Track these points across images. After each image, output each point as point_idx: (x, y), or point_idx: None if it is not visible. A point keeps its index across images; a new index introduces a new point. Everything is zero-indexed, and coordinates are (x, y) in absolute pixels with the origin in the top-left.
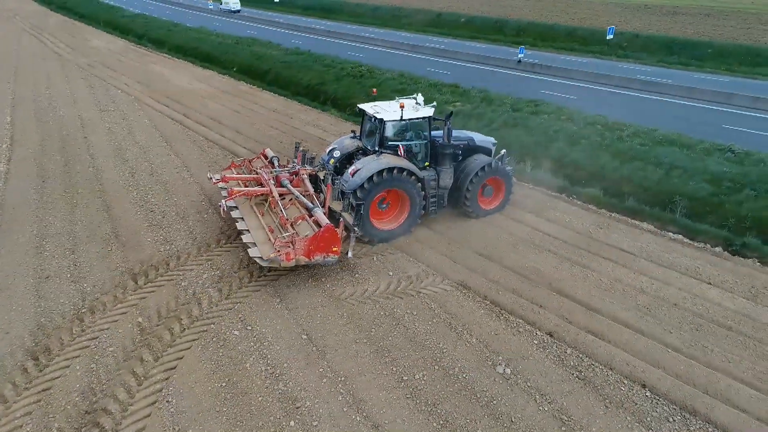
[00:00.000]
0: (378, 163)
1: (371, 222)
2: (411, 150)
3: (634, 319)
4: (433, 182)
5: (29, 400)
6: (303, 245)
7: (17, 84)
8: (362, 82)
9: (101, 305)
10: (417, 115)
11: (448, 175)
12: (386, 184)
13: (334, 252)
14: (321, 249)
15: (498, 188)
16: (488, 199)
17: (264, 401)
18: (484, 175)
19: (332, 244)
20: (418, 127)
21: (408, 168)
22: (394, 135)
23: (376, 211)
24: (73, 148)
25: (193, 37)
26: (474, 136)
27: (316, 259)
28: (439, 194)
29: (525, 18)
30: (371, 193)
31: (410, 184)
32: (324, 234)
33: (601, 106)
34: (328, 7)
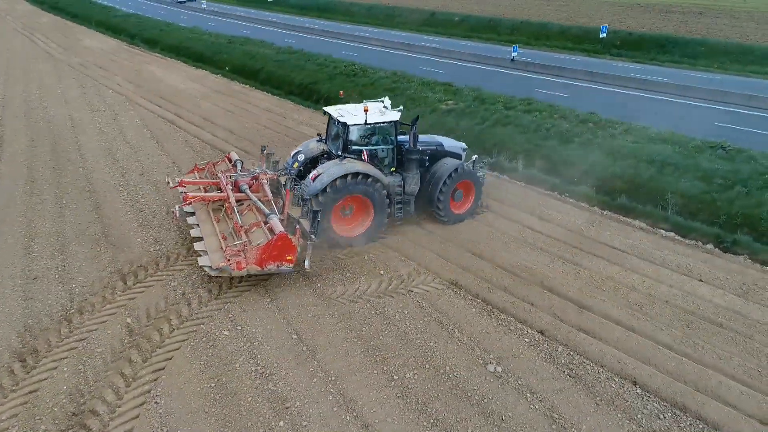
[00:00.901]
0: (340, 168)
1: (333, 228)
2: (377, 155)
3: (625, 316)
4: (398, 188)
5: (16, 402)
6: (255, 254)
7: (7, 84)
8: (355, 81)
9: (90, 306)
10: (382, 120)
11: (414, 181)
12: (348, 190)
13: (289, 261)
14: (274, 258)
15: (468, 192)
16: (459, 204)
17: (253, 401)
18: (455, 180)
19: (286, 252)
20: (384, 131)
21: (371, 173)
22: (359, 139)
23: (339, 217)
24: (63, 148)
25: (186, 37)
26: (443, 141)
27: (269, 268)
28: (405, 200)
29: (518, 17)
30: (332, 199)
31: (374, 190)
32: (277, 242)
33: (594, 105)
34: (323, 7)
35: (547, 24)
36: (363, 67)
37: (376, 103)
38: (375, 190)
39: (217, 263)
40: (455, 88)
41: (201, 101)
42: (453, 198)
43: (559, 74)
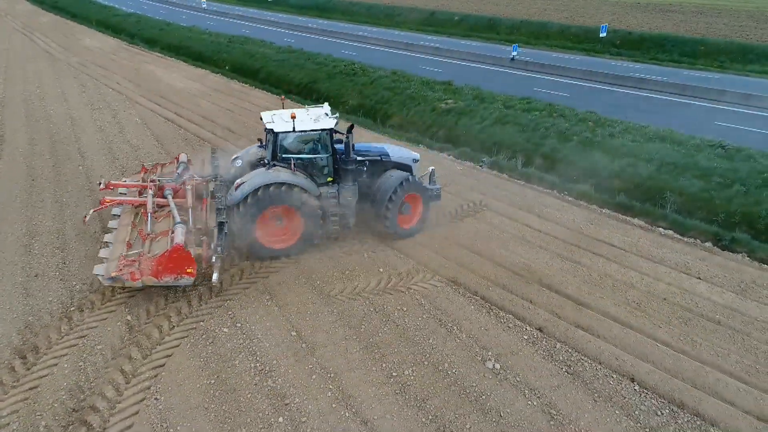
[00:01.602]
0: (263, 177)
1: (260, 239)
2: (312, 164)
3: (623, 313)
4: (333, 200)
5: (16, 398)
6: (150, 265)
7: (7, 84)
8: (355, 80)
9: (90, 303)
10: (313, 127)
11: (351, 193)
12: (271, 200)
13: (189, 274)
14: (170, 270)
15: (416, 206)
16: (407, 217)
17: (253, 398)
18: (402, 193)
19: (183, 265)
20: (317, 139)
21: (296, 183)
22: (291, 147)
23: (268, 227)
24: (63, 146)
25: (185, 36)
26: (391, 151)
27: (165, 280)
28: (341, 213)
29: (518, 16)
30: (253, 210)
31: (300, 201)
32: (172, 254)
33: (593, 104)
34: (322, 6)
35: (547, 23)
36: (362, 66)
37: (317, 109)
38: (302, 201)
39: (111, 272)
40: (455, 87)
41: (200, 100)
42: (401, 212)
43: (558, 73)
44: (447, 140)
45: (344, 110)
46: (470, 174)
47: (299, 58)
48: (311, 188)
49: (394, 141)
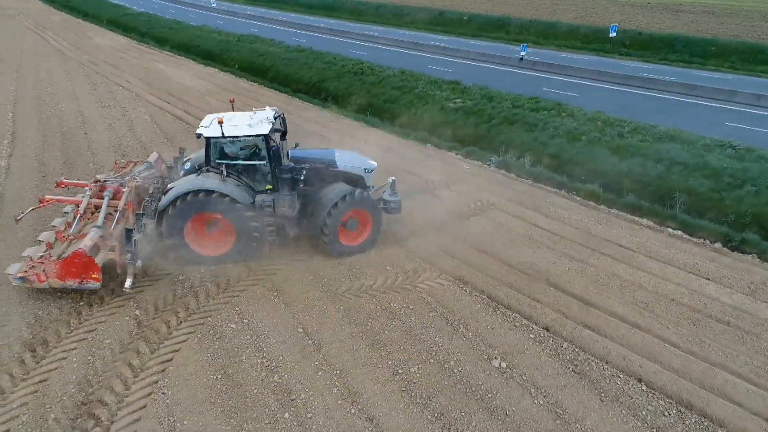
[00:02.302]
0: (189, 183)
1: (191, 246)
2: (250, 170)
3: (631, 314)
4: (269, 209)
5: (26, 391)
6: (54, 268)
7: (19, 81)
8: (363, 79)
9: (99, 298)
10: (246, 133)
11: (287, 203)
12: (199, 206)
13: (94, 279)
14: (72, 275)
15: (364, 222)
16: (354, 234)
17: (259, 393)
18: (344, 208)
19: (87, 271)
20: (255, 145)
21: (222, 191)
22: (232, 153)
23: (200, 234)
24: (73, 144)
25: (195, 35)
26: (339, 159)
27: (69, 283)
28: (278, 223)
29: (527, 16)
30: (178, 216)
31: (228, 209)
32: (72, 260)
33: (602, 103)
34: (331, 6)
35: (556, 23)
36: (371, 65)
37: (262, 112)
38: (231, 209)
39: (18, 273)
40: (463, 86)
41: (209, 98)
42: (345, 227)
43: (567, 73)
44: (455, 139)
45: (352, 109)
46: (478, 173)
47: (308, 57)
48: (241, 196)
49: (401, 140)
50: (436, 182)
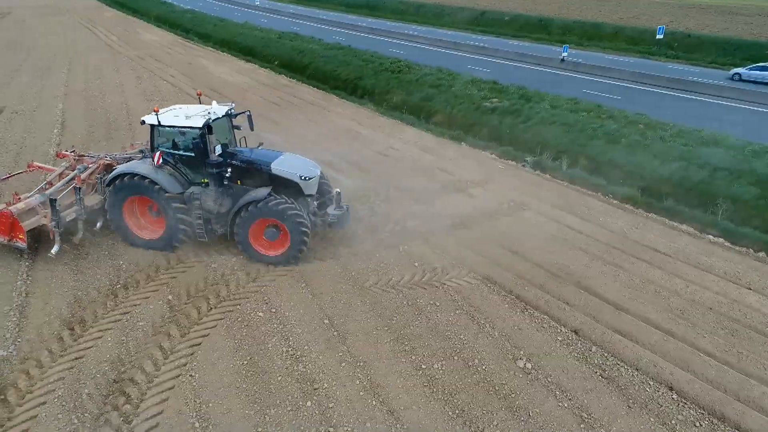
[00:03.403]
0: (125, 166)
1: (129, 227)
2: (185, 161)
3: (665, 321)
4: (197, 202)
5: (63, 367)
6: None
7: (70, 74)
8: (400, 77)
9: (135, 282)
10: (182, 123)
11: (212, 198)
12: (129, 189)
13: (20, 239)
14: (1, 232)
15: (284, 233)
16: (273, 244)
17: (283, 381)
18: (254, 215)
19: (11, 230)
20: (192, 137)
21: (148, 176)
22: (165, 140)
23: (139, 216)
24: (117, 134)
25: (237, 32)
26: (279, 163)
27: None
28: (205, 217)
29: (571, 17)
30: (113, 196)
31: (156, 194)
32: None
33: (646, 107)
34: (372, 5)
35: (601, 24)
36: (408, 63)
37: (220, 107)
38: (158, 196)
39: None
40: (501, 86)
41: (248, 93)
42: (264, 235)
43: (610, 75)
44: (490, 139)
45: (389, 107)
46: (512, 173)
47: (346, 55)
48: (169, 185)
49: (435, 138)
50: (469, 181)
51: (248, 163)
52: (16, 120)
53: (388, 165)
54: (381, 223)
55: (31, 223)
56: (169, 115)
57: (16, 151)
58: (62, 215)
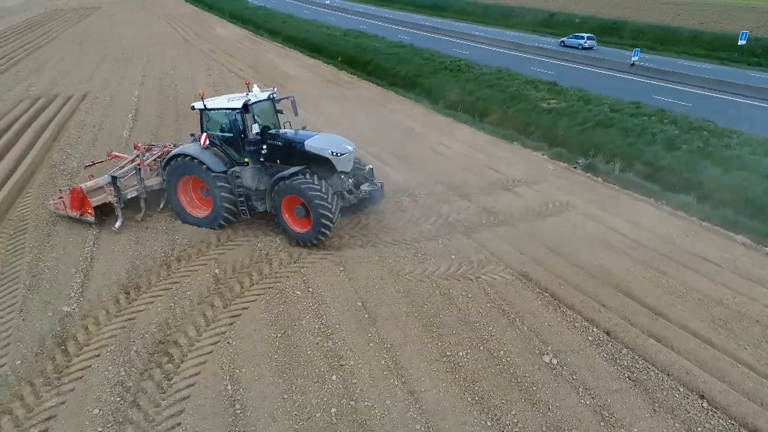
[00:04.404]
0: (177, 149)
1: (184, 206)
2: (228, 142)
3: (705, 329)
4: (238, 180)
5: (117, 326)
6: (67, 199)
7: (148, 65)
8: (458, 76)
9: (187, 256)
10: (224, 105)
11: (250, 175)
12: (181, 169)
13: (89, 213)
14: (73, 207)
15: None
16: (300, 221)
17: (312, 355)
18: (280, 192)
19: (82, 206)
20: (228, 118)
21: (195, 156)
22: (210, 123)
23: (192, 195)
24: (185, 121)
25: (304, 29)
26: (313, 140)
27: (74, 214)
28: (246, 194)
29: (645, 20)
30: (168, 176)
31: (204, 174)
32: (72, 193)
33: (718, 114)
34: (439, 5)
35: (677, 28)
36: (468, 63)
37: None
38: (205, 175)
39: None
40: (560, 88)
41: (310, 88)
42: (295, 213)
43: (682, 81)
44: (544, 140)
45: (444, 105)
46: (562, 174)
47: (407, 53)
48: (214, 164)
49: (488, 137)
50: (517, 180)
51: (284, 142)
52: (96, 105)
53: (437, 161)
54: (424, 215)
55: (99, 199)
56: (215, 100)
57: (94, 132)
58: (123, 193)
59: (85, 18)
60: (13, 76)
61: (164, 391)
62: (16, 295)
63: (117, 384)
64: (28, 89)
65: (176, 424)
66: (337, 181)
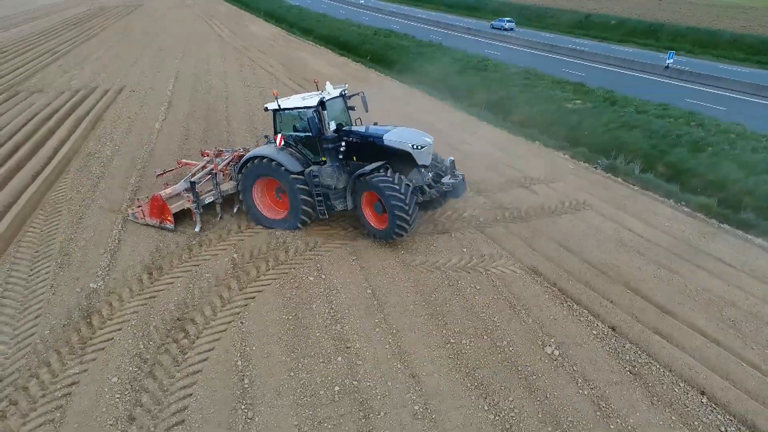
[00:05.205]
0: (252, 151)
1: (259, 207)
2: (304, 141)
3: (712, 328)
4: (316, 179)
5: (138, 303)
6: (147, 207)
7: (183, 60)
8: (485, 76)
9: (208, 241)
10: (298, 105)
11: (329, 174)
12: (258, 171)
13: (168, 221)
14: (153, 215)
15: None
16: (378, 217)
17: (321, 337)
18: (360, 187)
19: (161, 213)
20: (304, 117)
21: (272, 157)
22: (283, 123)
23: (267, 198)
24: (215, 114)
25: (336, 28)
26: (392, 135)
27: (153, 222)
28: (324, 194)
29: (685, 23)
30: (243, 179)
31: (281, 176)
32: (152, 202)
33: (752, 119)
34: (473, 5)
35: (717, 31)
36: (495, 62)
37: (334, 89)
38: (283, 176)
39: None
40: (587, 89)
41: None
42: (375, 209)
43: (718, 85)
44: (566, 139)
45: (468, 103)
46: (581, 174)
47: (435, 52)
48: (291, 164)
49: (510, 136)
50: (535, 178)
51: (362, 138)
52: (132, 97)
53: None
54: (439, 210)
55: (177, 206)
56: (288, 100)
57: (128, 123)
58: (201, 198)
59: (127, 15)
60: (56, 69)
61: (179, 364)
62: (49, 271)
63: (135, 356)
64: (70, 82)
65: (188, 395)
66: (417, 176)
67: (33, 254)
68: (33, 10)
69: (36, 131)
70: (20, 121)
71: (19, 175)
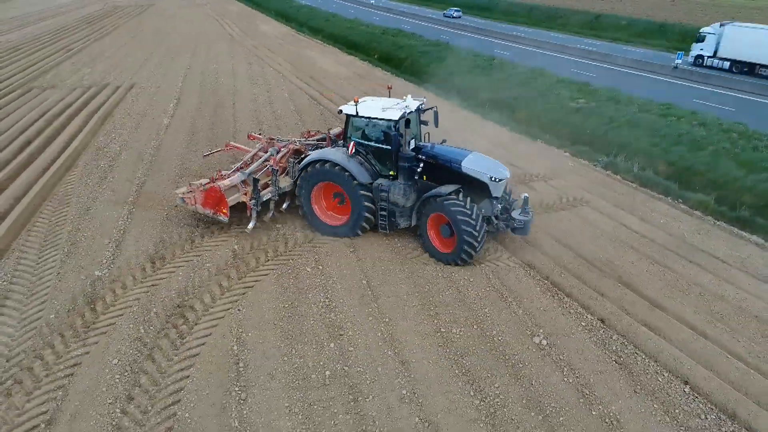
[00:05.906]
0: (318, 153)
1: (316, 212)
2: (377, 152)
3: (701, 322)
4: (384, 194)
5: (140, 290)
6: (200, 196)
7: (193, 58)
8: (491, 75)
9: (210, 232)
10: (377, 115)
11: (400, 191)
12: (320, 175)
13: (224, 213)
14: (208, 205)
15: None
16: (444, 240)
17: (315, 325)
18: (429, 209)
19: (217, 204)
20: (381, 128)
21: (340, 163)
22: (356, 130)
23: (326, 202)
24: (222, 111)
25: (345, 27)
26: (468, 161)
27: (206, 211)
28: (390, 210)
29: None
30: (304, 181)
31: (346, 182)
32: (208, 192)
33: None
34: (484, 6)
35: None
36: (501, 62)
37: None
38: (347, 183)
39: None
40: (591, 88)
41: (344, 83)
42: (441, 232)
43: (728, 86)
44: (568, 138)
45: (473, 102)
46: (580, 171)
47: (443, 52)
48: (360, 174)
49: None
50: (534, 175)
51: (437, 159)
52: (141, 94)
53: None
54: None
55: (234, 199)
56: (366, 106)
57: (137, 119)
58: (261, 194)
59: (139, 14)
60: (69, 66)
61: (177, 348)
62: (56, 259)
63: (136, 340)
64: (82, 79)
65: (184, 377)
66: (487, 206)
67: (41, 243)
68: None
69: (48, 126)
70: (33, 117)
71: (30, 168)
